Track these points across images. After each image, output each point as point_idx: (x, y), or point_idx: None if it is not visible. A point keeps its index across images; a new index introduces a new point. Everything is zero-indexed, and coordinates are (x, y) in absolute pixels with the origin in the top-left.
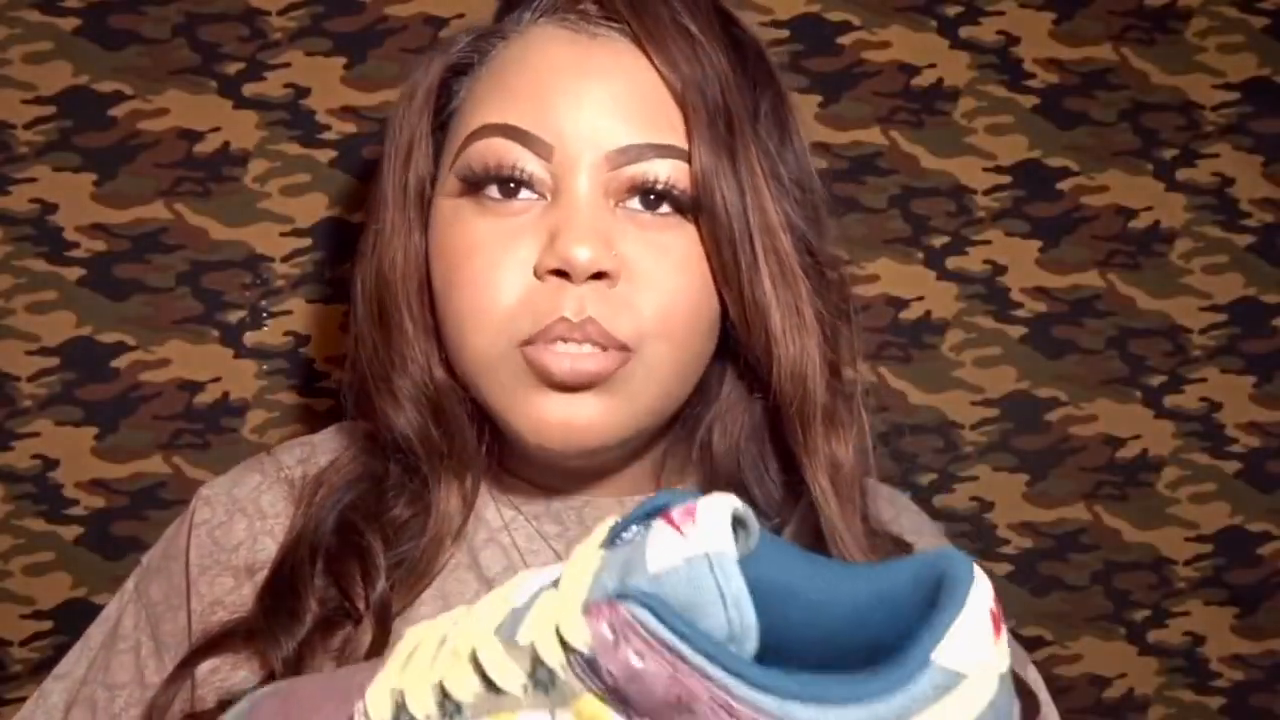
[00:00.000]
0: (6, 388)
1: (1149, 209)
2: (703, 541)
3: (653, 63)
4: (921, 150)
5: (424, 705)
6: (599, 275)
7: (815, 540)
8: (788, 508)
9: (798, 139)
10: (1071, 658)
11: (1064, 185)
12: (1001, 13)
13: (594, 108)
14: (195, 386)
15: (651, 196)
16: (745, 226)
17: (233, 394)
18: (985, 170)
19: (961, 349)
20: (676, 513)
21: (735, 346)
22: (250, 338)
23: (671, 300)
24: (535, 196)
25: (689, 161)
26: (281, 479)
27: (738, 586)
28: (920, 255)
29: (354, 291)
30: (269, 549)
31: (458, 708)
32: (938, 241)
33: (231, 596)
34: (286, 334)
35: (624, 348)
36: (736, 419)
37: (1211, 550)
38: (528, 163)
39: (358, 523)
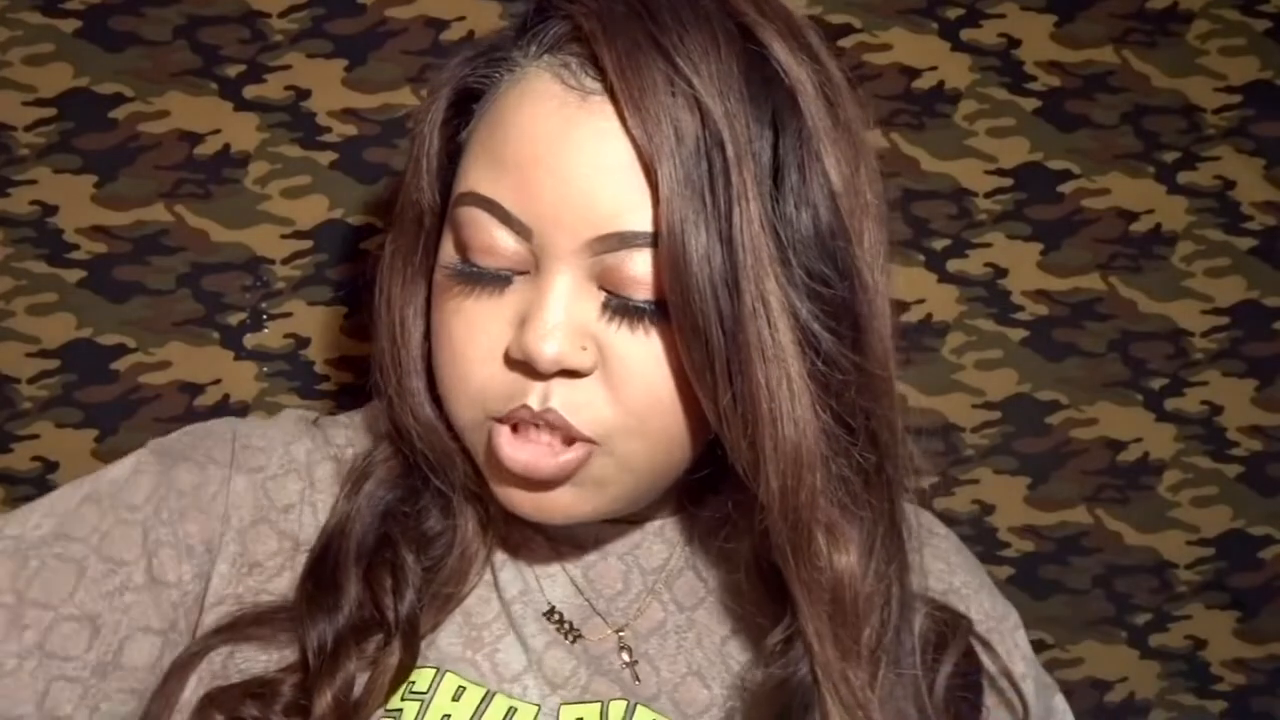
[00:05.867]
0: (6, 390)
1: (1150, 212)
2: None
3: (629, 131)
4: (922, 153)
5: None
6: (567, 371)
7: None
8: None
9: (826, 207)
10: (1072, 661)
11: (1065, 188)
12: (1003, 15)
13: (576, 189)
14: (196, 389)
15: (630, 297)
16: (719, 323)
17: (233, 396)
18: (986, 173)
19: (962, 352)
20: None
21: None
22: (251, 340)
23: (649, 397)
24: (518, 273)
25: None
26: (331, 455)
27: None
28: (921, 258)
29: (375, 292)
30: (312, 524)
31: None
32: (938, 244)
33: (272, 562)
34: (287, 336)
35: (589, 440)
36: (749, 512)
37: (1213, 554)
38: (507, 242)
39: (394, 534)
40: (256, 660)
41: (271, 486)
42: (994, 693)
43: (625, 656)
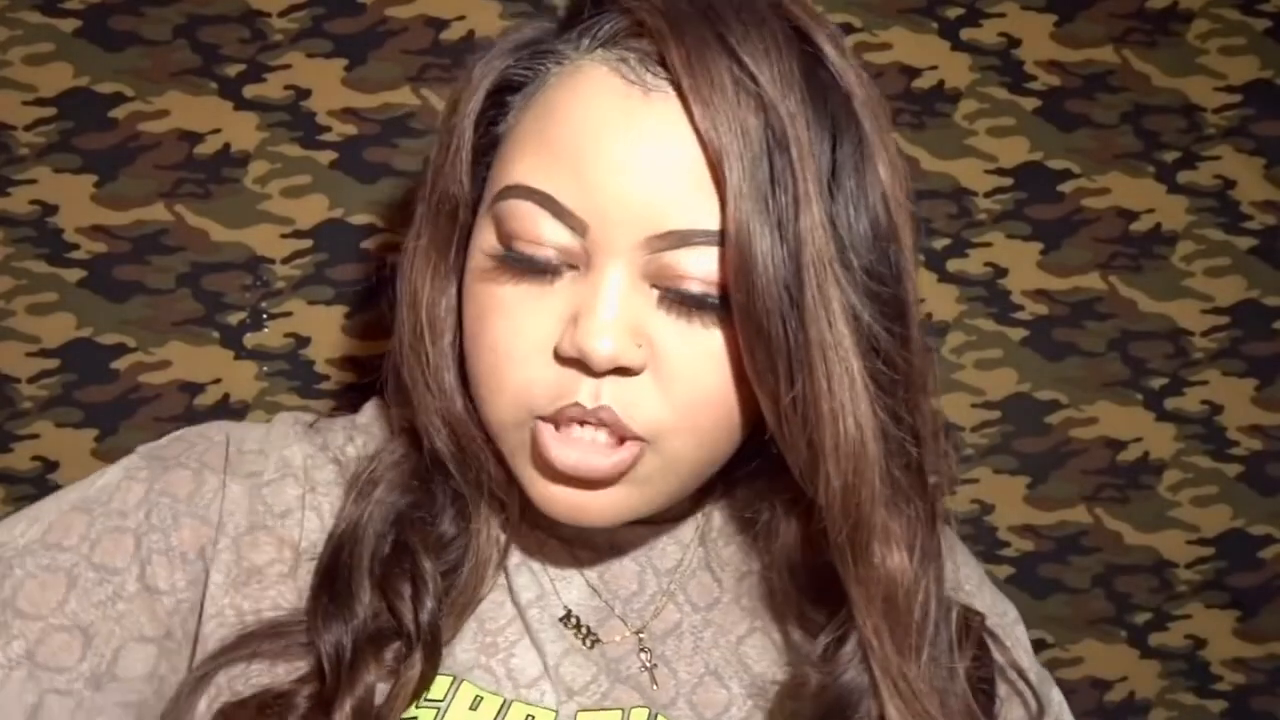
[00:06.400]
0: (6, 389)
1: (1150, 211)
2: None
3: (696, 128)
4: (922, 152)
5: None
6: (620, 369)
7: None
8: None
9: (881, 209)
10: (1072, 660)
11: (1065, 188)
12: (1003, 15)
13: (637, 184)
14: (196, 388)
15: (688, 290)
16: (782, 323)
17: (233, 396)
18: (986, 172)
19: (962, 351)
20: None
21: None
22: (250, 339)
23: (701, 395)
24: (568, 266)
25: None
26: (331, 458)
27: None
28: (921, 258)
29: (396, 287)
30: (316, 530)
31: None
32: (938, 244)
33: (272, 570)
34: (287, 336)
35: (639, 439)
36: (793, 512)
37: (1213, 553)
38: (558, 236)
39: (411, 541)
40: (269, 674)
41: (268, 492)
42: (1004, 683)
43: (645, 658)
